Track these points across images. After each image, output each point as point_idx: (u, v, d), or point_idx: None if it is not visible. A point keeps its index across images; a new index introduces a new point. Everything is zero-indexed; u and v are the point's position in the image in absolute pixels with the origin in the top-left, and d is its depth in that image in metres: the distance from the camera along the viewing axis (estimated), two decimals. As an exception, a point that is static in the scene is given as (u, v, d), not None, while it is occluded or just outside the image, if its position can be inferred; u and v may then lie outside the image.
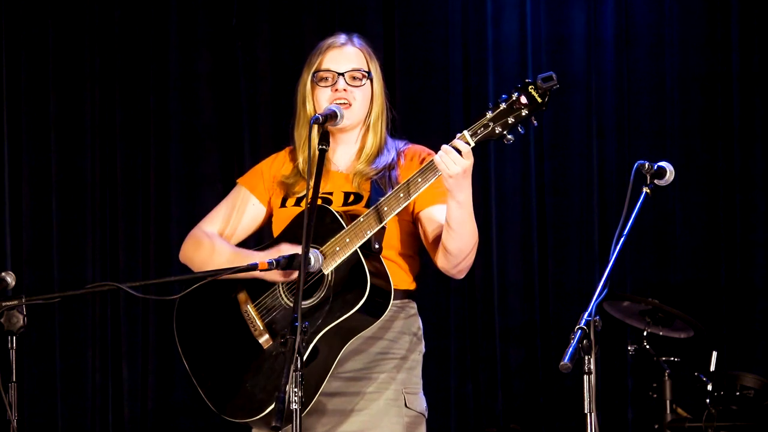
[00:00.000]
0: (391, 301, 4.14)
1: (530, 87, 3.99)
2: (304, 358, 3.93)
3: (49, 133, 6.76)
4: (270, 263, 3.99)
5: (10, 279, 4.05)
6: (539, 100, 3.99)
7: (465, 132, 4.05)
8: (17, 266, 6.65)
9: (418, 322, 4.36)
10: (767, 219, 6.59)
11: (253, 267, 4.01)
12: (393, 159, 4.36)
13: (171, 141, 6.80)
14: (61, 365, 6.70)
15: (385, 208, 4.11)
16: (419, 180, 4.09)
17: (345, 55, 4.37)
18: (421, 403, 4.32)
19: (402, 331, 4.29)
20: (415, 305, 4.37)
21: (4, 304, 3.98)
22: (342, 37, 4.43)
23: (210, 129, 6.83)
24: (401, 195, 4.10)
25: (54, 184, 6.75)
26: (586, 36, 6.73)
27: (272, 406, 3.99)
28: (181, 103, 6.81)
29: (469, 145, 4.03)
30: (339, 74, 4.35)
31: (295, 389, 3.72)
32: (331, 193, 4.33)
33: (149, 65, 6.81)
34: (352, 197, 4.31)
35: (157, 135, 6.79)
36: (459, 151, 4.00)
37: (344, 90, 4.35)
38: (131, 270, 6.73)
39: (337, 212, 4.18)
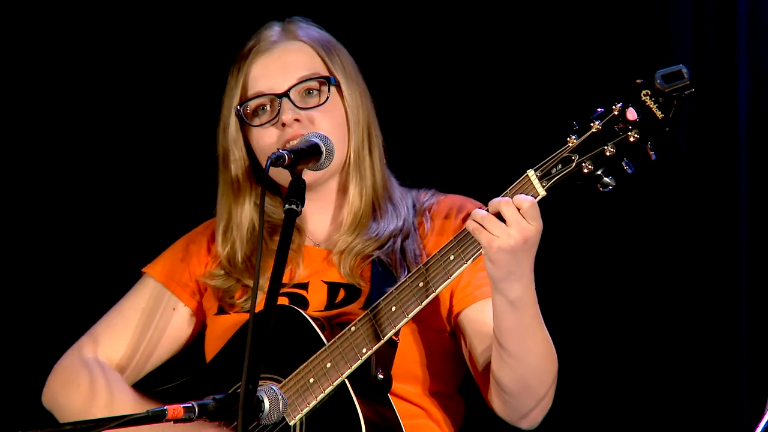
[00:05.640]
0: None
1: (644, 93, 2.47)
2: None
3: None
4: (188, 409, 2.51)
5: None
6: (659, 114, 2.42)
7: (530, 172, 2.50)
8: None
9: None
10: None
11: (160, 414, 2.49)
12: (406, 220, 2.84)
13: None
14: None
15: (393, 309, 2.54)
16: (451, 257, 2.51)
17: (282, 60, 2.85)
18: None
19: None
20: None
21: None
22: (274, 31, 2.91)
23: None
24: (420, 284, 2.51)
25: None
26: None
27: None
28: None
29: (537, 196, 2.46)
30: (280, 96, 2.77)
31: None
32: (306, 284, 2.79)
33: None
34: (342, 292, 2.79)
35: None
36: (518, 209, 2.42)
37: (296, 120, 2.74)
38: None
39: (315, 319, 2.68)
